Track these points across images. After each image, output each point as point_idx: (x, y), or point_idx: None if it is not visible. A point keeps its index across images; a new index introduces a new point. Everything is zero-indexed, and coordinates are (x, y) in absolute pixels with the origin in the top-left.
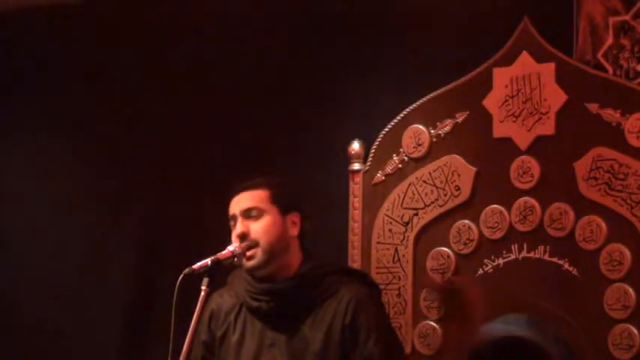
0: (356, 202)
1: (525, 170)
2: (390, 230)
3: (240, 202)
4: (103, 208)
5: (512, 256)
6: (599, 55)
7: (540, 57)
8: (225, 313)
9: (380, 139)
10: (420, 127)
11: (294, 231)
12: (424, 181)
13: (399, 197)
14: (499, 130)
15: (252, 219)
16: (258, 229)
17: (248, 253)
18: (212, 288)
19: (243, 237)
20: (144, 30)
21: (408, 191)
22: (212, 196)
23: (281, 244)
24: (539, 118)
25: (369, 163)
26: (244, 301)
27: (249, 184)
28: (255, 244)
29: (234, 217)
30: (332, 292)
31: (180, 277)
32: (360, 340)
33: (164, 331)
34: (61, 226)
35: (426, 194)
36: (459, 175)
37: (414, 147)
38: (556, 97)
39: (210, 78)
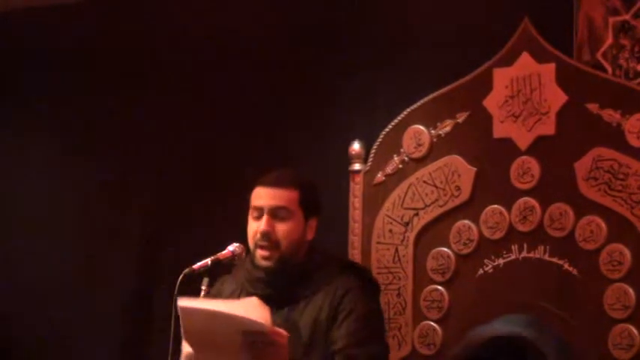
0: (356, 202)
1: (525, 170)
2: (390, 230)
3: (270, 198)
4: (103, 207)
5: (512, 256)
6: (599, 55)
7: (540, 57)
8: (224, 298)
9: (380, 140)
10: (421, 127)
11: (310, 235)
12: (424, 182)
13: (400, 197)
14: (499, 131)
15: (279, 219)
16: (282, 231)
17: (266, 253)
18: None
19: (266, 234)
20: (144, 30)
21: (409, 191)
22: (213, 195)
23: (297, 247)
24: (540, 119)
25: (369, 164)
26: (243, 286)
27: (282, 181)
28: (275, 246)
29: (260, 210)
30: (325, 284)
31: (180, 277)
32: (336, 324)
33: (164, 331)
34: (61, 225)
35: (427, 194)
36: (459, 175)
37: (414, 147)
38: (556, 98)
39: (211, 78)
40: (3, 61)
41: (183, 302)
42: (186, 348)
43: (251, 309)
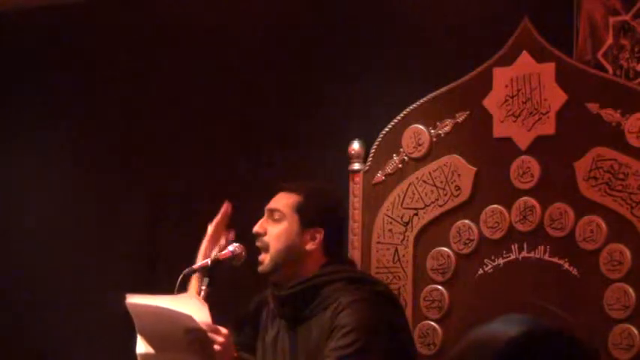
0: (356, 202)
1: (525, 170)
2: (390, 230)
3: (272, 201)
4: (103, 207)
5: (512, 256)
6: (599, 55)
7: (540, 57)
8: (264, 319)
9: (380, 139)
10: (420, 127)
11: (311, 246)
12: (424, 181)
13: (399, 197)
14: (499, 130)
15: (273, 221)
16: (272, 232)
17: (259, 258)
18: (212, 288)
19: (257, 235)
20: (144, 29)
21: (408, 191)
22: (213, 195)
23: (290, 254)
24: (539, 118)
25: (369, 163)
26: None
27: (288, 185)
28: (265, 247)
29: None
30: (330, 302)
31: (180, 277)
32: (331, 337)
33: None
34: (61, 224)
35: (426, 194)
36: (459, 175)
37: (414, 147)
38: (556, 97)
39: (211, 78)
40: (3, 61)
41: (131, 299)
42: (138, 349)
43: (191, 306)
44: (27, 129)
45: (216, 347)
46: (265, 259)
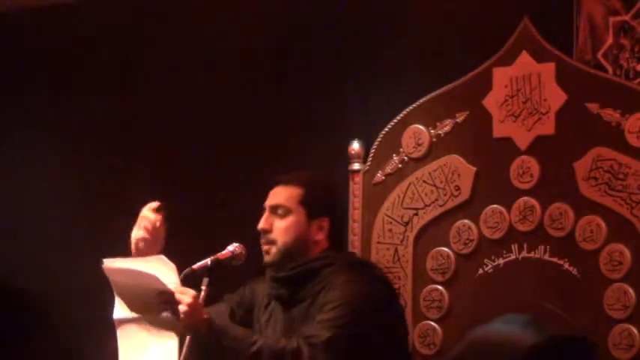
0: (356, 202)
1: (525, 170)
2: (390, 230)
3: (272, 196)
4: (103, 207)
5: (512, 256)
6: (599, 55)
7: (540, 57)
8: (259, 299)
9: (380, 139)
10: (420, 127)
11: (320, 236)
12: (424, 181)
13: (399, 197)
14: (499, 130)
15: (278, 216)
16: (279, 228)
17: (265, 248)
18: (212, 288)
19: (264, 232)
20: (143, 30)
21: (408, 191)
22: (213, 195)
23: (299, 246)
24: (539, 118)
25: (369, 163)
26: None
27: (286, 179)
28: (273, 242)
29: (265, 209)
30: (327, 283)
31: (180, 277)
32: (321, 311)
33: None
34: (61, 224)
35: (426, 194)
36: (458, 175)
37: (413, 147)
38: (556, 97)
39: (211, 78)
40: (3, 61)
41: (108, 263)
42: (115, 314)
43: (159, 267)
44: (26, 129)
45: (182, 308)
46: (272, 249)
